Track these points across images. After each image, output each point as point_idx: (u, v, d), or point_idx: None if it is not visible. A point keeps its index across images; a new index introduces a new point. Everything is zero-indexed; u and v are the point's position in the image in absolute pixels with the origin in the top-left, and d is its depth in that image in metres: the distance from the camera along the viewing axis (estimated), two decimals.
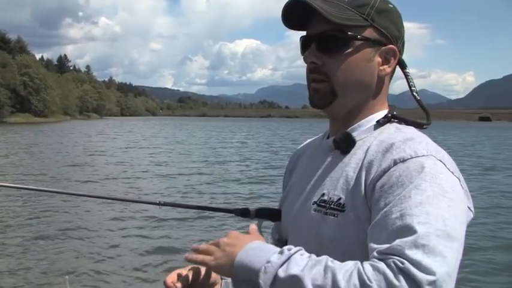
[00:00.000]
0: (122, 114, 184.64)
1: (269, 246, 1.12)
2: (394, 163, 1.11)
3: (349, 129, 1.29)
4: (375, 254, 1.00)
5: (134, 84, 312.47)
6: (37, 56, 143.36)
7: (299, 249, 1.07)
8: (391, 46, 1.27)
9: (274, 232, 1.58)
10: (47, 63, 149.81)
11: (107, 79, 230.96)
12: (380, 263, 0.97)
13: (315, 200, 1.25)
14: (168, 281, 1.34)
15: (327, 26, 1.22)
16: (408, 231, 0.99)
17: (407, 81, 1.33)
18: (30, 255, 8.19)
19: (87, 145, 33.32)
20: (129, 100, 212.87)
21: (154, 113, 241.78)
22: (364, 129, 1.27)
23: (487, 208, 12.21)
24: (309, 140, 1.54)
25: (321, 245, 1.20)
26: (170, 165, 22.07)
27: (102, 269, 7.60)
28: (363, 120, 1.29)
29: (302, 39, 1.33)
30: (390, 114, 1.27)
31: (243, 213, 1.71)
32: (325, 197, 1.22)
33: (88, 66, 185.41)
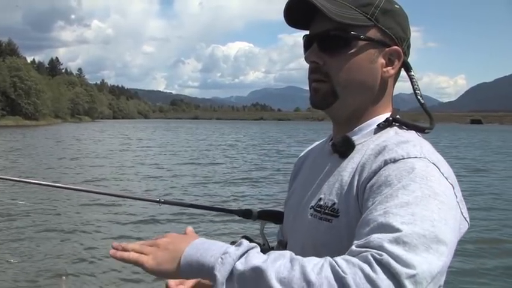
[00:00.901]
0: (114, 117, 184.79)
1: (219, 242, 1.03)
2: (385, 163, 1.07)
3: (349, 132, 1.25)
4: (352, 248, 0.94)
5: (126, 87, 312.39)
6: (29, 59, 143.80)
7: (255, 246, 1.00)
8: (395, 47, 1.23)
9: (280, 234, 1.55)
10: (38, 66, 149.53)
11: (99, 82, 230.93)
12: (354, 258, 0.91)
13: (312, 204, 1.23)
14: (171, 282, 1.33)
15: (330, 25, 1.19)
16: (390, 228, 0.92)
17: (412, 85, 1.28)
18: (25, 254, 8.12)
19: (78, 147, 33.04)
20: (121, 103, 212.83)
21: (147, 116, 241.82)
22: (364, 133, 1.24)
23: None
24: (316, 143, 1.50)
25: (316, 250, 1.15)
26: (165, 166, 21.86)
27: (99, 268, 7.54)
28: (363, 124, 1.25)
29: (305, 38, 1.29)
30: (391, 118, 1.22)
31: (245, 214, 1.76)
32: (321, 202, 1.20)
33: (80, 69, 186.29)
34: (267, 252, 0.96)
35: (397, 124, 1.22)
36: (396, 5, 1.25)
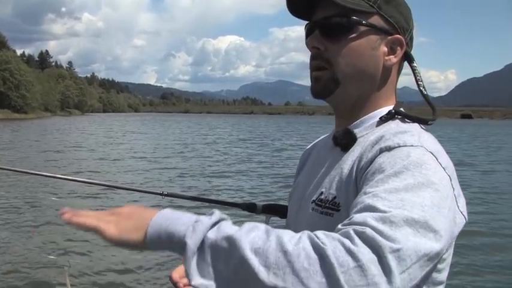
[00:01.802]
0: (104, 111, 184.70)
1: (189, 213, 0.95)
2: (380, 151, 1.05)
3: (351, 125, 1.23)
4: (338, 226, 0.90)
5: (117, 81, 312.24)
6: (18, 51, 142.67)
7: (228, 217, 0.94)
8: (397, 36, 1.21)
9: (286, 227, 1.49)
10: (28, 59, 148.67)
11: (89, 75, 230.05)
12: (335, 233, 0.87)
13: (314, 198, 1.21)
14: (175, 275, 1.32)
15: (332, 10, 1.19)
16: (376, 210, 0.89)
17: (414, 76, 1.26)
18: (28, 245, 8.13)
19: (66, 140, 32.77)
20: (112, 96, 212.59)
21: (137, 110, 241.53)
22: (366, 126, 1.21)
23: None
24: (322, 136, 1.47)
25: None
26: (161, 159, 21.73)
27: (101, 260, 7.52)
28: (366, 116, 1.23)
29: (307, 26, 1.28)
30: (394, 111, 1.20)
31: (249, 207, 1.77)
32: (323, 196, 1.18)
33: (70, 62, 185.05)
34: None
35: (399, 117, 1.20)
36: None
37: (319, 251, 0.82)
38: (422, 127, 1.18)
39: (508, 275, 7.36)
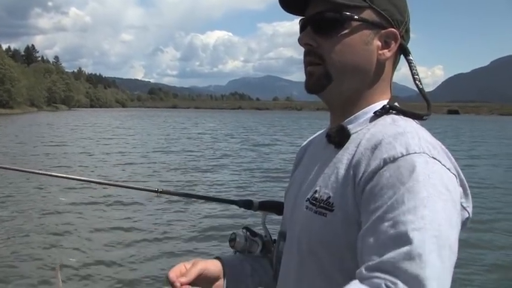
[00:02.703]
0: (91, 106, 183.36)
1: None
2: (384, 163, 1.03)
3: (345, 121, 1.22)
4: (363, 270, 0.92)
5: (104, 76, 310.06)
6: (4, 46, 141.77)
7: None
8: (391, 29, 1.19)
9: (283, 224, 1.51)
10: (13, 54, 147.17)
11: (76, 70, 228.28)
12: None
13: (308, 196, 1.19)
14: (172, 274, 1.29)
15: (324, 6, 1.18)
16: (402, 241, 0.91)
17: (410, 69, 1.24)
18: (20, 243, 8.09)
19: (51, 135, 32.57)
20: (99, 91, 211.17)
21: (125, 105, 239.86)
22: (360, 121, 1.20)
23: None
24: (319, 132, 1.44)
25: (310, 244, 1.15)
26: (155, 156, 21.69)
27: (94, 257, 7.50)
28: (360, 112, 1.21)
29: (300, 22, 1.27)
30: (388, 105, 1.18)
31: (246, 204, 1.75)
32: (317, 194, 1.16)
33: (56, 57, 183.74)
34: (267, 244, 0.98)
35: (394, 112, 1.18)
36: None
37: None
38: (417, 122, 1.17)
39: (492, 271, 7.52)
